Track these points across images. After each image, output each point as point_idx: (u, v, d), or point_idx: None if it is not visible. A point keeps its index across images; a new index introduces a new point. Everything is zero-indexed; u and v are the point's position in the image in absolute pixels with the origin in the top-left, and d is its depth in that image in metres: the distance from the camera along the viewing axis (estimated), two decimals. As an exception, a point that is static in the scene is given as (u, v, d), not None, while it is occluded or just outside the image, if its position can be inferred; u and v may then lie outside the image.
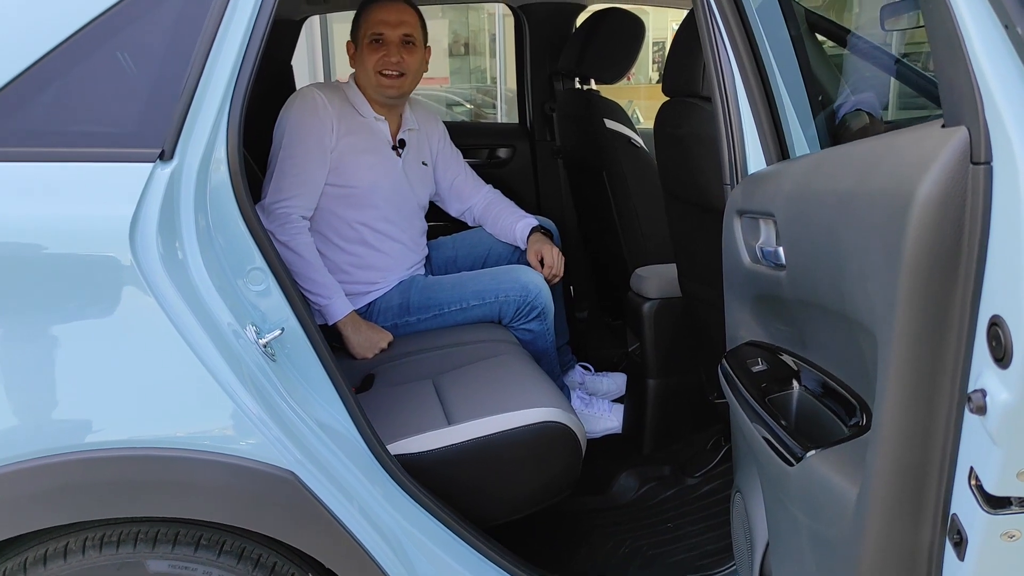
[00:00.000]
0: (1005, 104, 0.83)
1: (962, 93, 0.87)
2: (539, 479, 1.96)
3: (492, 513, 1.92)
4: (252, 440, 1.41)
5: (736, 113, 1.58)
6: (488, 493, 1.92)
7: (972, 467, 0.93)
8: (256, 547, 1.51)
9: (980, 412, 0.87)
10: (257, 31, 1.42)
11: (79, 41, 1.38)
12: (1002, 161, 0.85)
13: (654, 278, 2.56)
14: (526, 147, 3.64)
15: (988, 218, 0.87)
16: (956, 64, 0.87)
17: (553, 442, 1.90)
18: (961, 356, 0.93)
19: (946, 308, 0.92)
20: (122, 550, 1.45)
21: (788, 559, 1.34)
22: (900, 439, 0.98)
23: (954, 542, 0.98)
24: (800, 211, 1.23)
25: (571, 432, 1.91)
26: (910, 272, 0.91)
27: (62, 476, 1.36)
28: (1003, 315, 0.85)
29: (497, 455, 1.87)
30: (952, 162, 0.88)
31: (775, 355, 1.45)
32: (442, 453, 1.84)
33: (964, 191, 0.88)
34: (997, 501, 0.90)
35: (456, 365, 2.20)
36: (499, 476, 1.91)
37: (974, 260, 0.89)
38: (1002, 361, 0.85)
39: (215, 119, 1.40)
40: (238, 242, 1.45)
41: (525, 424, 1.87)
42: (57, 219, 1.34)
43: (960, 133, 0.88)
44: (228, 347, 1.39)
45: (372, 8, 2.47)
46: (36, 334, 1.35)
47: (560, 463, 1.95)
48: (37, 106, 1.39)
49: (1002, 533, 0.91)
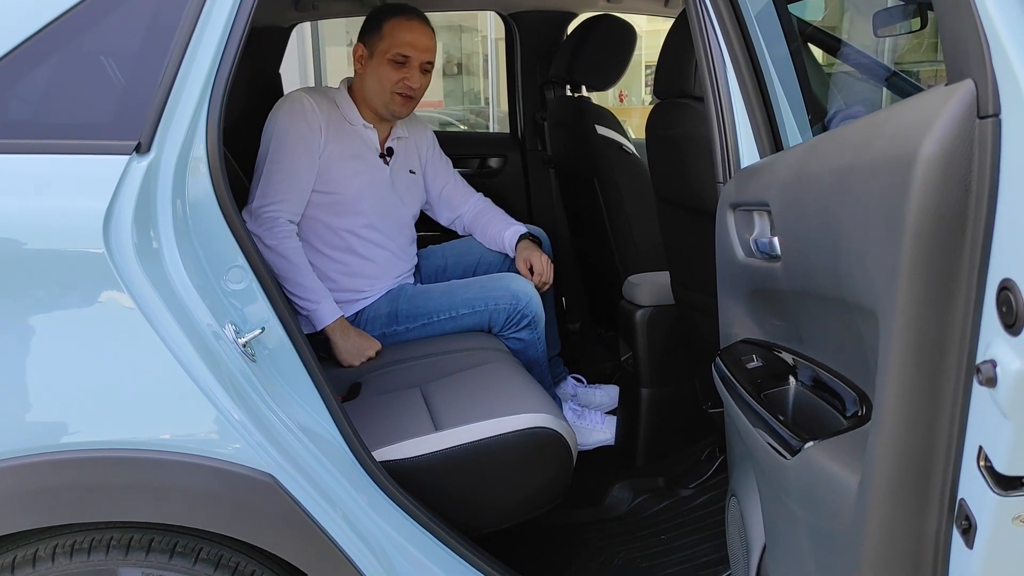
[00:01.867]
0: (1015, 51, 0.79)
1: (968, 43, 0.83)
2: (529, 486, 1.92)
3: (482, 521, 1.88)
4: (229, 442, 1.38)
5: (729, 109, 1.56)
6: (477, 501, 1.88)
7: (981, 446, 0.88)
8: (234, 554, 1.47)
9: (990, 384, 0.83)
10: (238, 23, 1.40)
11: (55, 30, 1.36)
12: (1012, 112, 0.80)
13: (647, 285, 2.55)
14: (517, 157, 3.63)
15: (997, 175, 0.83)
16: (960, 12, 0.83)
17: (543, 448, 1.86)
18: (969, 326, 0.88)
19: (952, 275, 0.87)
20: (93, 557, 1.41)
21: (786, 558, 1.29)
22: (903, 421, 0.93)
23: (962, 529, 0.93)
24: (796, 197, 1.19)
25: (561, 438, 1.88)
26: (913, 238, 0.86)
27: (31, 479, 1.32)
28: (1015, 278, 0.81)
29: (486, 461, 1.83)
30: (957, 117, 0.84)
31: (770, 351, 1.41)
32: (429, 459, 1.80)
33: (971, 147, 0.84)
34: (1009, 482, 0.85)
35: (445, 373, 2.17)
36: (488, 483, 1.87)
37: (982, 221, 0.84)
38: (1013, 327, 0.81)
39: (194, 112, 1.38)
40: (218, 239, 1.43)
41: (515, 430, 1.84)
42: (30, 212, 1.32)
43: (965, 87, 0.84)
44: (206, 346, 1.36)
45: (401, 26, 2.44)
46: (5, 330, 1.32)
47: (551, 470, 1.91)
48: (10, 97, 1.37)
49: (1015, 517, 0.86)
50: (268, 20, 3.09)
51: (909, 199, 0.86)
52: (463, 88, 14.36)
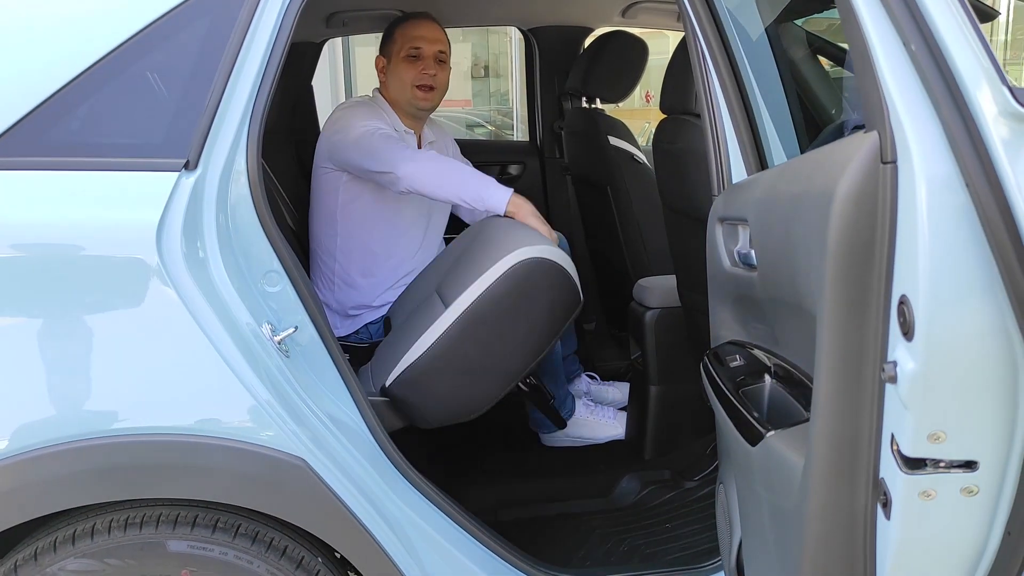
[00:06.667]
0: (904, 111, 0.96)
1: (874, 102, 0.99)
2: (541, 313, 2.02)
3: (517, 362, 2.01)
4: (265, 429, 1.50)
5: (721, 128, 1.67)
6: (504, 349, 2.00)
7: (892, 434, 1.03)
8: (269, 531, 1.60)
9: (892, 381, 0.99)
10: (276, 51, 1.53)
11: (113, 60, 1.50)
12: (904, 161, 0.97)
13: (655, 288, 2.62)
14: (536, 164, 3.74)
15: (896, 210, 0.98)
16: (868, 77, 1.00)
17: (532, 278, 1.98)
18: (879, 333, 1.04)
19: (865, 290, 1.03)
20: (144, 531, 1.54)
21: (753, 534, 1.43)
22: (834, 412, 1.08)
23: (882, 503, 1.08)
24: (767, 215, 1.33)
25: (544, 261, 1.98)
26: (833, 259, 1.02)
27: (90, 459, 1.46)
28: (908, 294, 0.97)
29: (491, 311, 1.95)
30: (865, 162, 1.00)
31: (750, 351, 1.55)
32: (447, 335, 1.94)
33: (876, 187, 1.00)
34: (913, 463, 1.01)
35: (453, 264, 2.28)
36: (503, 332, 1.99)
37: (886, 247, 1.01)
38: (908, 335, 0.97)
39: (236, 132, 1.51)
40: (256, 246, 1.55)
41: (499, 276, 1.95)
42: (91, 223, 1.45)
43: (872, 137, 1.01)
44: (245, 343, 1.49)
45: (408, 24, 2.58)
46: (67, 326, 1.46)
47: (552, 292, 2.01)
48: (74, 119, 1.50)
49: (920, 492, 1.02)
50: (301, 37, 3.22)
51: (830, 227, 1.01)
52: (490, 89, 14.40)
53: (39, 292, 1.45)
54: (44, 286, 1.45)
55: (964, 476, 1.05)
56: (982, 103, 0.99)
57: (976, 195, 0.97)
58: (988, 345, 0.99)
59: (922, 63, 0.99)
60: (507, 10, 3.55)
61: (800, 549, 1.18)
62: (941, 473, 1.05)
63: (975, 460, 1.05)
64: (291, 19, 1.54)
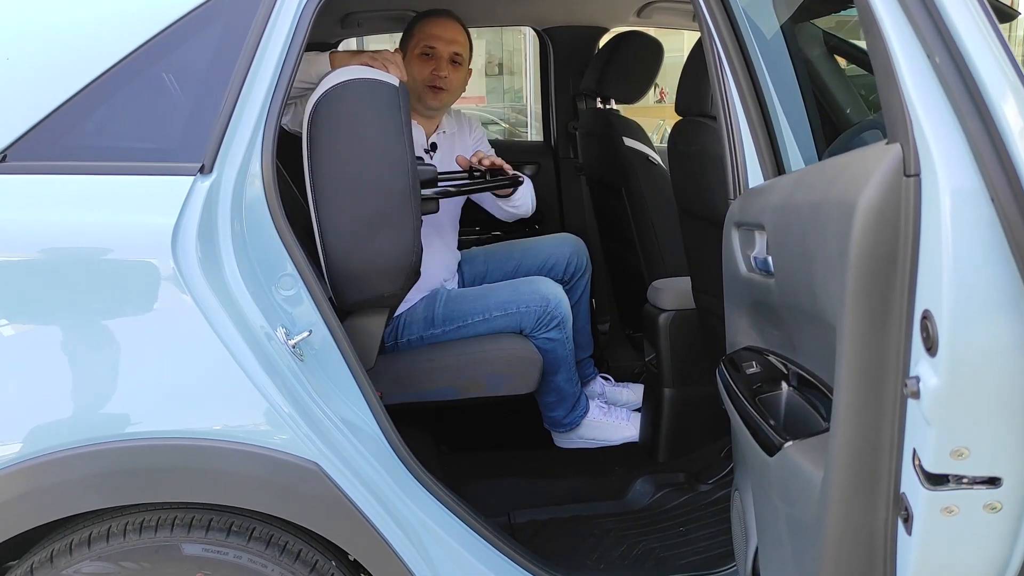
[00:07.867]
0: (928, 124, 0.94)
1: (897, 114, 0.97)
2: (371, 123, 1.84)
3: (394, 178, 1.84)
4: (279, 433, 1.50)
5: (738, 132, 1.66)
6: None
7: (915, 448, 1.02)
8: (283, 534, 1.60)
9: (915, 397, 0.97)
10: (292, 53, 1.53)
11: (128, 64, 1.50)
12: (928, 173, 0.95)
13: (670, 290, 2.61)
14: (551, 164, 3.73)
15: (919, 224, 0.97)
16: (891, 89, 0.98)
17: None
18: (902, 347, 1.02)
19: (887, 304, 1.02)
20: (160, 534, 1.55)
21: (771, 545, 1.42)
22: (855, 425, 1.07)
23: (903, 519, 1.06)
24: (784, 221, 1.32)
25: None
26: (855, 272, 1.01)
27: (105, 463, 1.46)
28: (931, 309, 0.95)
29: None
30: (888, 174, 0.98)
31: (768, 358, 1.53)
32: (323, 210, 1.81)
33: (899, 200, 0.98)
34: (936, 479, 1.00)
35: None
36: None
37: (908, 260, 0.99)
38: (931, 350, 0.96)
39: (251, 136, 1.51)
40: (270, 250, 1.55)
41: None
42: (108, 227, 1.46)
43: (895, 149, 0.99)
44: (260, 347, 1.49)
45: (427, 22, 2.57)
46: (83, 330, 1.46)
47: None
48: (89, 123, 1.50)
49: (942, 508, 1.00)
50: (316, 38, 3.22)
51: (851, 239, 1.00)
52: (504, 86, 14.41)
53: (54, 296, 1.45)
54: (60, 290, 1.45)
55: (987, 492, 1.03)
56: (1007, 114, 0.97)
57: (1001, 208, 0.95)
58: (1013, 361, 0.97)
59: (946, 74, 0.98)
60: (522, 10, 3.54)
61: (819, 563, 1.17)
62: (964, 489, 1.03)
63: (999, 476, 1.03)
64: (307, 21, 1.54)
